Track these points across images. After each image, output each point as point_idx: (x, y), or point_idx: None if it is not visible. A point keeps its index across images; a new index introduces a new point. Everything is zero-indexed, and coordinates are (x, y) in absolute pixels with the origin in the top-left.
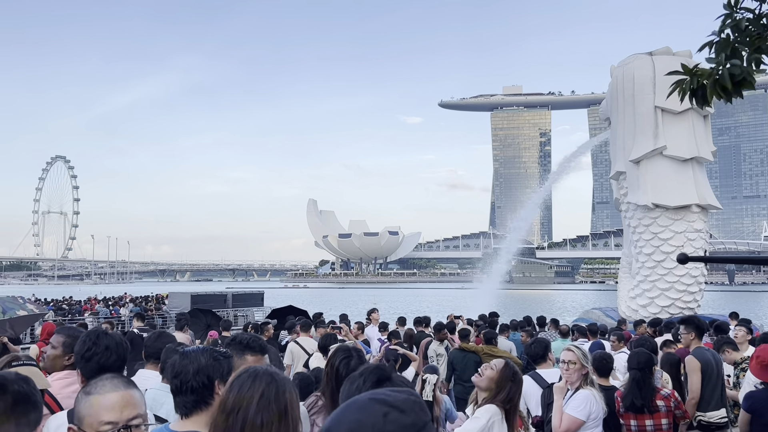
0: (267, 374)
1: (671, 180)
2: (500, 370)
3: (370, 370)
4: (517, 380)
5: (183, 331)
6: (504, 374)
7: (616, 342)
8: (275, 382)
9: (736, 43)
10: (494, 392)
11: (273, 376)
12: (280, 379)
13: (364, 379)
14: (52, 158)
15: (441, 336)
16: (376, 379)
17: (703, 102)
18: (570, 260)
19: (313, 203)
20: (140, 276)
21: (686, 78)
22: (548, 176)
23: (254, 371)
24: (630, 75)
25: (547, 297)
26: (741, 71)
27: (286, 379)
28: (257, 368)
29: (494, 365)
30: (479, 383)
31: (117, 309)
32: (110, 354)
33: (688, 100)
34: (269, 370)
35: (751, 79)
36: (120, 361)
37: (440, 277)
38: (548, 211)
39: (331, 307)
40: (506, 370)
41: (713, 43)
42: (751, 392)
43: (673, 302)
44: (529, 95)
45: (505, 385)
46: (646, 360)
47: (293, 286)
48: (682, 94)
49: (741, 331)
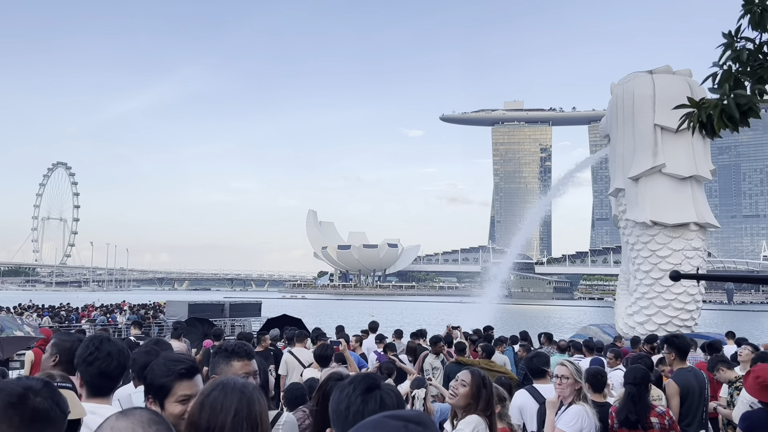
0: (236, 389)
1: (670, 198)
2: (471, 382)
3: (360, 378)
4: (488, 384)
5: (179, 339)
6: (476, 383)
7: (612, 359)
8: (245, 396)
9: (738, 74)
10: (473, 405)
11: (242, 390)
12: (249, 391)
13: (353, 387)
14: (54, 164)
15: (437, 349)
16: (365, 387)
17: (712, 133)
18: (569, 276)
19: (313, 214)
20: (138, 284)
21: (694, 110)
22: (548, 191)
23: (223, 387)
24: (630, 93)
25: (545, 312)
26: (747, 100)
27: (254, 389)
28: (225, 383)
29: (464, 380)
30: (457, 403)
31: (114, 316)
32: (111, 360)
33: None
34: (237, 384)
35: (756, 108)
36: (120, 368)
37: (439, 290)
38: (548, 226)
39: (328, 319)
40: (475, 378)
41: (716, 74)
42: (749, 412)
43: (670, 320)
44: (530, 111)
45: (480, 394)
46: (642, 376)
47: (291, 297)
48: (693, 128)
49: (746, 350)
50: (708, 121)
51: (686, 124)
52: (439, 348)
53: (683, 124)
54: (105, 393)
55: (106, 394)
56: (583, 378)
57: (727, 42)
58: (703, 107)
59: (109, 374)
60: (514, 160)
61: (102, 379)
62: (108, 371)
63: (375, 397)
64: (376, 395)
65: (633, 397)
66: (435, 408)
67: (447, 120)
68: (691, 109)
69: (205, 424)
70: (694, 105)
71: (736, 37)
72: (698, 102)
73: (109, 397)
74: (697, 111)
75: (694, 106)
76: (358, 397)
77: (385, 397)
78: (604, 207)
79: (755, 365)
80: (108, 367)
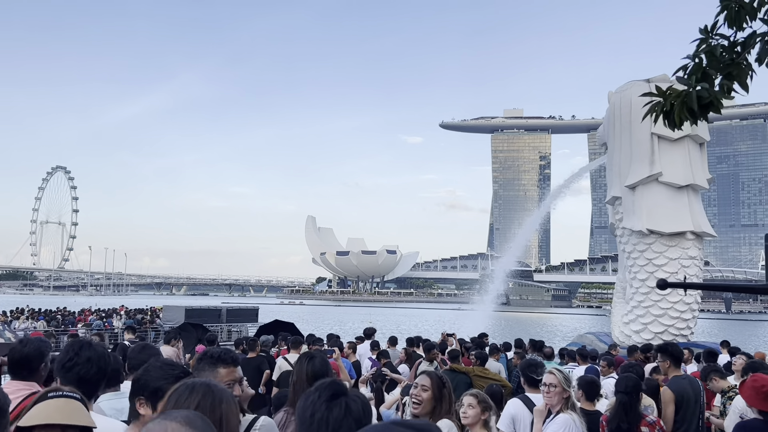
0: (204, 386)
1: (666, 206)
2: (431, 384)
3: (326, 385)
4: (447, 383)
5: (170, 345)
6: (436, 384)
7: (605, 367)
8: (211, 394)
9: (708, 68)
10: (439, 407)
11: (210, 388)
12: (217, 390)
13: (318, 394)
14: (53, 168)
15: (430, 356)
16: (330, 393)
17: (674, 124)
18: (567, 284)
19: (312, 220)
20: (136, 288)
21: (660, 100)
22: (547, 199)
23: (192, 383)
24: (627, 101)
25: (543, 320)
26: (709, 94)
27: (224, 390)
28: (195, 381)
29: (423, 384)
30: (421, 410)
31: (110, 321)
32: (91, 366)
33: (673, 125)
34: (207, 382)
35: (718, 103)
36: (100, 374)
37: (437, 297)
38: (546, 234)
39: (326, 326)
40: (434, 380)
41: (687, 66)
42: (744, 423)
43: (666, 329)
44: (529, 118)
45: (443, 394)
46: (633, 385)
47: (289, 303)
48: (655, 117)
49: (740, 359)
50: (672, 111)
51: (650, 115)
52: (432, 355)
53: (647, 115)
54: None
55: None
56: (575, 386)
57: (702, 37)
58: (668, 97)
59: (89, 380)
60: (513, 168)
61: (81, 384)
62: (87, 377)
63: (340, 404)
64: (341, 402)
65: (625, 405)
66: None
67: (446, 127)
68: (657, 99)
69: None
70: (660, 94)
71: (712, 33)
72: (664, 91)
73: (90, 402)
74: (662, 101)
75: (660, 95)
76: (323, 404)
77: (350, 404)
78: (603, 215)
79: (755, 374)
80: (87, 373)
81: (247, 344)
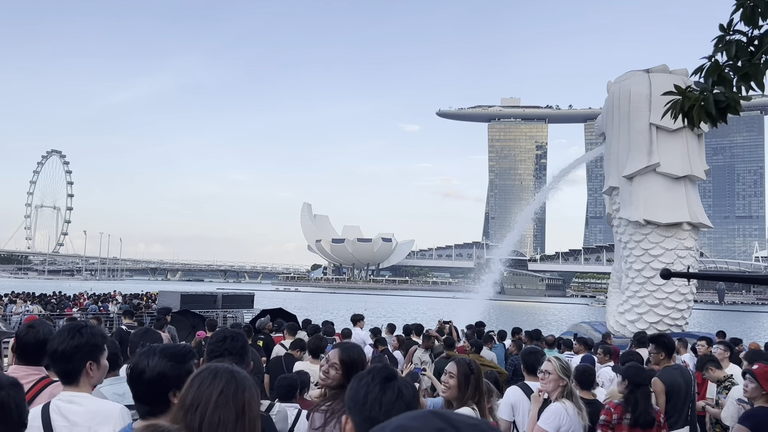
0: (227, 372)
1: (663, 197)
2: (458, 371)
3: (379, 369)
4: (475, 369)
5: (163, 330)
6: (462, 371)
7: (602, 355)
8: (235, 380)
9: (726, 68)
10: (463, 393)
11: (233, 374)
12: (240, 377)
13: (372, 376)
14: (48, 152)
15: (428, 343)
16: (384, 376)
17: (692, 124)
18: (562, 274)
19: (308, 207)
20: (131, 274)
21: (679, 98)
22: (543, 188)
23: (215, 369)
24: (626, 91)
25: (538, 309)
26: (726, 98)
27: (246, 377)
28: (218, 366)
29: (451, 372)
30: (449, 395)
31: (106, 305)
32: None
33: (692, 125)
34: (230, 368)
35: (737, 105)
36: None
37: (432, 285)
38: (541, 224)
39: (321, 313)
40: (461, 366)
41: (703, 67)
42: (753, 411)
43: (661, 319)
44: (526, 108)
45: (468, 380)
46: (649, 376)
47: (285, 290)
48: (675, 115)
49: (719, 348)
50: (690, 112)
51: (671, 113)
52: (430, 343)
53: (668, 112)
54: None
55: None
56: (571, 375)
57: (720, 35)
58: (687, 98)
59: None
60: (510, 157)
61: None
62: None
63: (393, 387)
64: (394, 385)
65: (648, 396)
66: (427, 402)
67: (443, 115)
68: (677, 97)
69: (190, 401)
70: (680, 93)
71: (729, 30)
72: (684, 90)
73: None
74: (681, 100)
75: (681, 93)
76: (376, 386)
77: (402, 388)
78: (599, 205)
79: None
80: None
81: (245, 330)
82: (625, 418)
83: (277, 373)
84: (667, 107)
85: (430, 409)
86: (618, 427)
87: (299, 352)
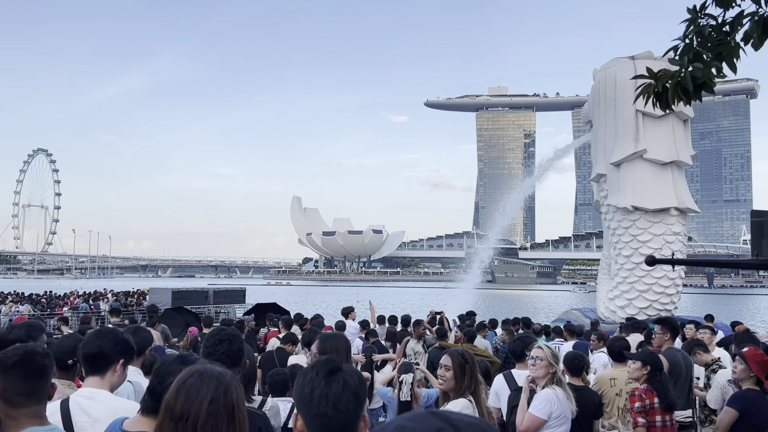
0: (213, 377)
1: (651, 183)
2: (453, 363)
3: (322, 362)
4: (469, 359)
5: (154, 328)
6: (457, 362)
7: (596, 342)
8: (222, 385)
9: (699, 47)
10: (460, 384)
11: (219, 378)
12: (225, 380)
13: (316, 371)
14: (34, 151)
15: (418, 333)
16: (328, 369)
17: (666, 105)
18: (552, 261)
19: (298, 200)
20: (122, 271)
21: (651, 82)
22: (531, 176)
23: (199, 374)
24: (612, 78)
25: (528, 297)
26: (703, 74)
27: (230, 377)
28: (202, 371)
29: (446, 365)
30: (447, 387)
31: (97, 304)
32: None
33: (665, 106)
34: (215, 372)
35: (711, 83)
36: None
37: (424, 276)
38: (531, 212)
39: (313, 307)
40: (455, 358)
41: (677, 47)
42: (742, 393)
43: (650, 304)
44: (514, 96)
45: (464, 370)
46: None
47: (276, 284)
48: (646, 98)
49: (706, 333)
50: (663, 92)
51: (642, 96)
52: (421, 331)
53: (639, 96)
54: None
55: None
56: (560, 362)
57: (690, 17)
58: (661, 78)
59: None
60: (498, 146)
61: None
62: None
63: (338, 379)
64: (338, 377)
65: (666, 381)
66: (422, 393)
67: (431, 106)
68: (649, 81)
69: (180, 411)
70: (651, 76)
71: (700, 13)
72: (656, 73)
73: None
74: (654, 82)
75: (652, 77)
76: (321, 380)
77: (347, 379)
78: (587, 192)
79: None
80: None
81: (237, 326)
82: (656, 403)
83: (270, 367)
84: (639, 91)
85: (429, 410)
86: (652, 412)
87: (291, 346)
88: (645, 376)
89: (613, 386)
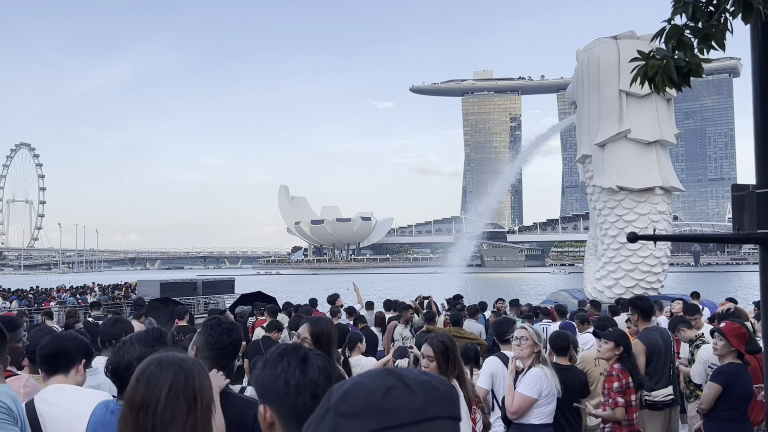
0: (173, 363)
1: (635, 163)
2: (434, 352)
3: (290, 350)
4: (449, 344)
5: (140, 320)
6: (438, 350)
7: (579, 324)
8: (183, 371)
9: (686, 30)
10: (444, 370)
11: (180, 364)
12: (188, 366)
13: (287, 360)
14: (17, 145)
15: (406, 318)
16: (301, 357)
17: (657, 89)
18: (540, 244)
19: (285, 189)
20: (109, 265)
21: (644, 63)
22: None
23: (159, 361)
24: (595, 59)
25: (518, 280)
26: (686, 64)
27: (195, 363)
28: (162, 358)
29: (428, 354)
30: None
31: (84, 298)
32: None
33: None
34: (176, 358)
35: (699, 69)
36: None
37: (413, 261)
38: (518, 195)
39: (303, 295)
40: (436, 346)
41: (663, 31)
42: (723, 367)
43: (637, 283)
44: (499, 80)
45: (447, 356)
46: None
47: (266, 273)
48: (642, 80)
49: (678, 304)
50: (654, 77)
51: (637, 79)
52: (408, 316)
53: (636, 79)
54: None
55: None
56: (545, 342)
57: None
58: (651, 65)
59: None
60: (485, 130)
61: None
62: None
63: (312, 366)
64: (312, 363)
65: (635, 361)
66: None
67: (417, 91)
68: (642, 62)
69: (140, 401)
70: (644, 57)
71: None
72: (648, 55)
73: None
74: (645, 65)
75: (644, 58)
76: (296, 369)
77: (319, 363)
78: (574, 174)
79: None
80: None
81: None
82: (630, 383)
83: (255, 355)
84: (634, 73)
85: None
86: (628, 392)
87: (276, 334)
88: (616, 356)
89: (597, 365)
